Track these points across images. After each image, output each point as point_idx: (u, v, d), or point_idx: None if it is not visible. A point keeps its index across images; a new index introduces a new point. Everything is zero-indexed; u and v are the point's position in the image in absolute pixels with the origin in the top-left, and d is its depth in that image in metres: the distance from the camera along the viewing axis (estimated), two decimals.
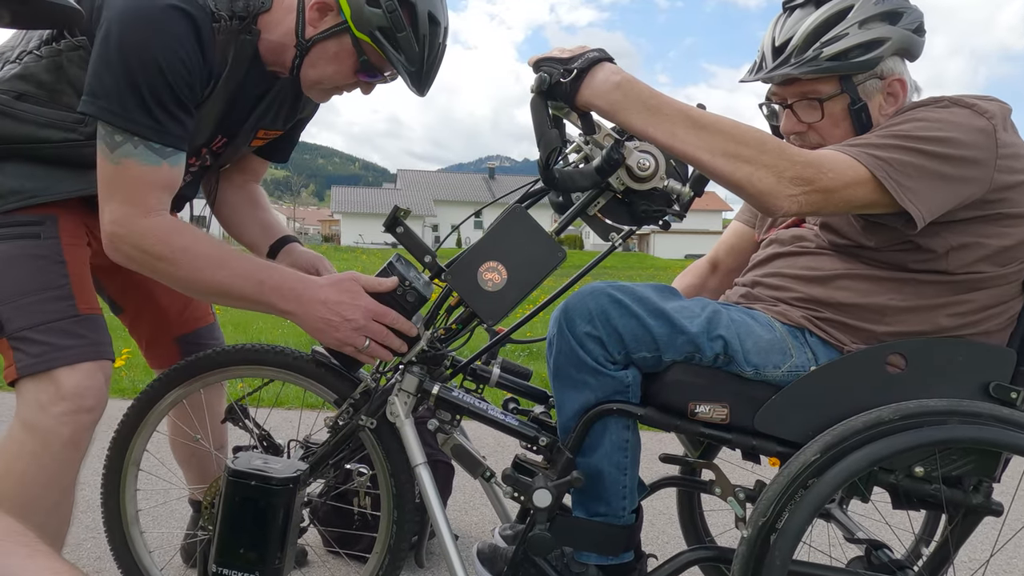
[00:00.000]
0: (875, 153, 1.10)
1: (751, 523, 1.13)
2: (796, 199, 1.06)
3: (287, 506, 1.24)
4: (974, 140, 1.10)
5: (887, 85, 1.27)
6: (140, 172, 1.23)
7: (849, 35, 1.22)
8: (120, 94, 1.20)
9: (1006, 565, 2.06)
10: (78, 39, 1.27)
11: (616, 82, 1.11)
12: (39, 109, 1.30)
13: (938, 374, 1.15)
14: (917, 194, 1.07)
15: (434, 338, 1.38)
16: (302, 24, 1.34)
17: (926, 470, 1.13)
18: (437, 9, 1.34)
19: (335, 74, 1.38)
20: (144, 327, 1.72)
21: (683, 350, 1.21)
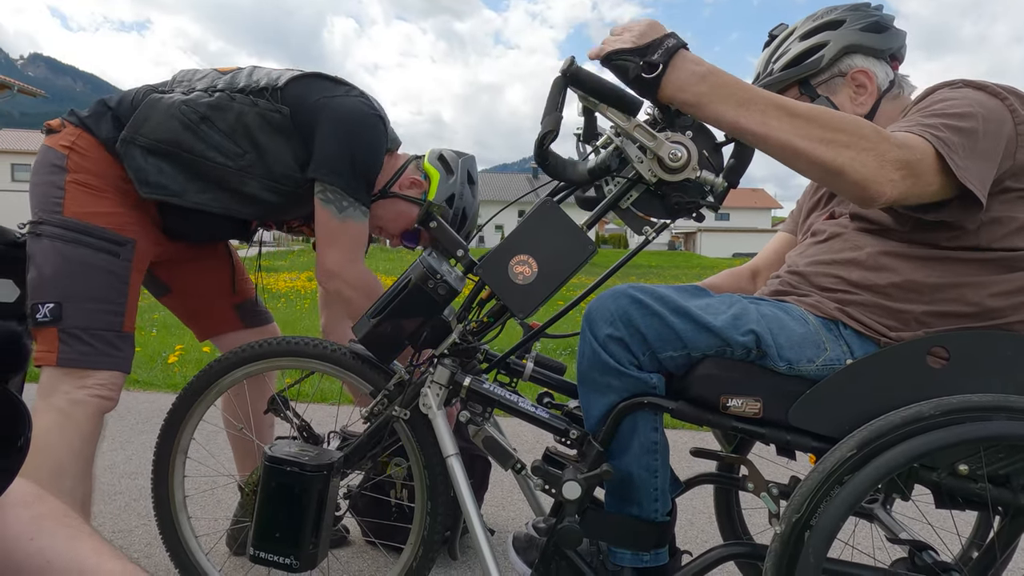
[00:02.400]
0: (934, 133, 1.06)
1: (785, 519, 1.10)
2: (896, 184, 1.01)
3: (321, 493, 1.27)
4: (993, 115, 1.09)
5: (851, 79, 1.36)
6: (357, 228, 1.64)
7: (792, 48, 1.40)
8: (353, 173, 1.62)
9: None
10: (280, 107, 1.63)
11: (701, 74, 1.07)
12: (214, 135, 1.62)
13: (983, 368, 1.11)
14: (973, 174, 1.04)
15: (466, 331, 1.39)
16: (395, 180, 1.80)
17: (971, 468, 1.09)
18: (469, 233, 1.88)
19: (387, 223, 1.83)
20: (195, 301, 1.93)
21: (711, 345, 1.19)
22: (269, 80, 1.67)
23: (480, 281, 1.36)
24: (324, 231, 1.62)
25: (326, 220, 1.61)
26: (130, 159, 1.59)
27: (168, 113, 1.60)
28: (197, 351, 4.93)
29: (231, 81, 1.68)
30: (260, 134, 1.62)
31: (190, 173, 1.62)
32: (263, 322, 1.99)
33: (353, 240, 1.63)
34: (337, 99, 1.65)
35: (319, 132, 1.62)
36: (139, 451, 2.87)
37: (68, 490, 1.47)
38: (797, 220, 1.59)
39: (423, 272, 1.31)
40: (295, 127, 1.63)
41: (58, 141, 1.60)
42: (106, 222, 1.57)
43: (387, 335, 1.36)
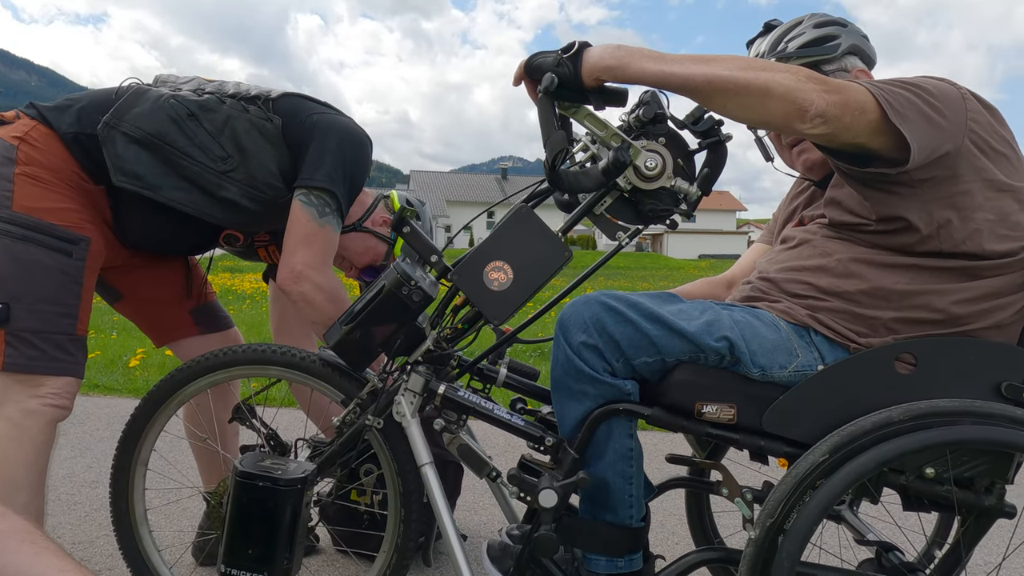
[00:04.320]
0: (878, 85, 1.11)
1: (759, 524, 1.11)
2: (821, 95, 1.04)
3: (295, 506, 1.25)
4: (947, 96, 1.13)
5: (853, 77, 1.36)
6: (331, 236, 1.64)
7: (806, 32, 1.40)
8: (343, 184, 1.63)
9: (1021, 568, 2.03)
10: (272, 116, 1.65)
11: (615, 44, 1.14)
12: (198, 133, 1.60)
13: (949, 374, 1.13)
14: (911, 123, 1.07)
15: (440, 338, 1.38)
16: (368, 215, 1.88)
17: (937, 471, 1.11)
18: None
19: (355, 256, 1.89)
20: (149, 307, 1.89)
21: (684, 351, 1.20)
22: (260, 91, 1.69)
23: (453, 287, 1.34)
24: (299, 233, 1.59)
25: (305, 222, 1.59)
26: (110, 144, 1.55)
27: (156, 104, 1.58)
28: (160, 355, 4.81)
29: (219, 87, 1.68)
30: (247, 140, 1.62)
31: (168, 168, 1.58)
32: (222, 327, 1.95)
33: (326, 246, 1.62)
34: (332, 116, 1.68)
35: (315, 144, 1.63)
36: (99, 459, 2.79)
37: (23, 504, 1.42)
38: (773, 231, 1.61)
39: (397, 278, 1.29)
40: (285, 138, 1.64)
41: (9, 132, 1.54)
42: (58, 218, 1.51)
43: (360, 342, 1.33)
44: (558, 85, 1.15)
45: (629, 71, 1.11)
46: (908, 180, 1.13)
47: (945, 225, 1.14)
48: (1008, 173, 1.15)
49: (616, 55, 1.11)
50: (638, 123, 1.25)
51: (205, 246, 1.84)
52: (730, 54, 1.12)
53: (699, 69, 1.07)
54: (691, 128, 1.26)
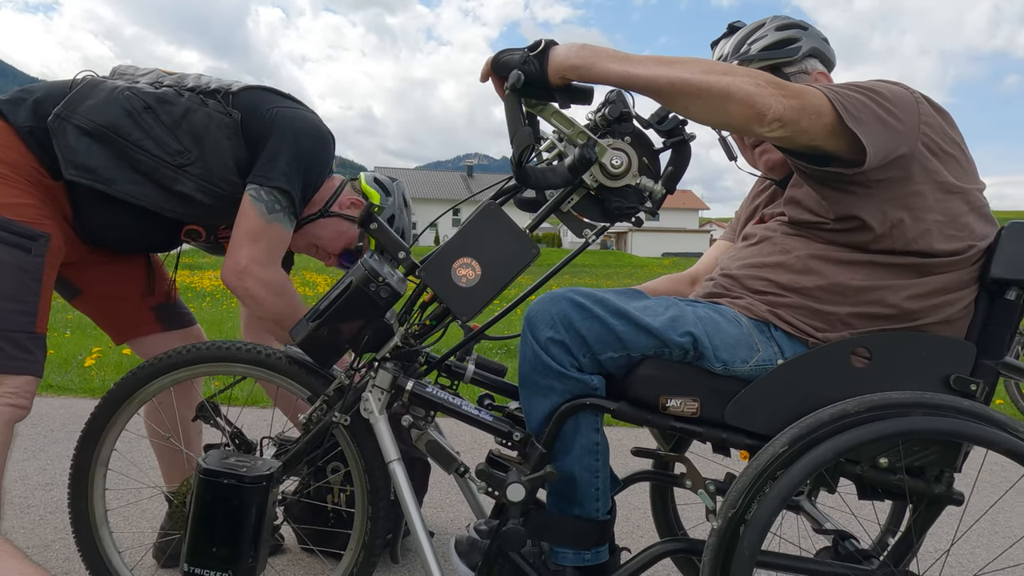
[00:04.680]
0: (834, 89, 1.14)
1: (721, 515, 1.14)
2: (780, 99, 1.08)
3: (260, 505, 1.23)
4: (901, 100, 1.17)
5: (814, 79, 1.41)
6: (281, 233, 1.62)
7: (769, 35, 1.43)
8: (295, 181, 1.61)
9: (969, 554, 2.11)
10: (231, 111, 1.62)
11: (580, 44, 1.15)
12: (154, 126, 1.57)
13: (901, 367, 1.18)
14: (866, 126, 1.11)
15: (408, 334, 1.38)
16: (334, 199, 1.81)
17: (890, 461, 1.15)
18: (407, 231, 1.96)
19: (328, 242, 1.83)
20: (109, 304, 1.85)
21: (649, 346, 1.22)
22: (220, 84, 1.65)
23: (421, 283, 1.34)
24: (246, 227, 1.58)
25: (252, 217, 1.58)
26: (61, 137, 1.51)
27: (111, 96, 1.56)
28: (116, 354, 4.69)
29: (178, 80, 1.65)
30: (205, 134, 1.60)
31: (122, 161, 1.56)
32: (184, 324, 1.92)
33: (274, 243, 1.61)
34: (292, 111, 1.65)
35: (272, 139, 1.60)
36: (54, 460, 2.71)
37: None
38: (735, 229, 1.65)
39: (365, 274, 1.29)
40: (243, 133, 1.62)
41: None
42: (16, 214, 1.47)
43: (327, 339, 1.32)
44: (525, 83, 1.16)
45: (594, 71, 1.13)
46: (863, 181, 1.17)
47: (898, 224, 1.18)
48: (957, 175, 1.19)
49: (582, 55, 1.13)
50: (604, 121, 1.26)
51: (169, 243, 1.80)
52: (693, 56, 1.15)
53: (662, 71, 1.10)
54: (656, 127, 1.28)
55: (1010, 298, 1.19)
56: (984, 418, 1.10)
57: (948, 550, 1.73)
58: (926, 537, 1.38)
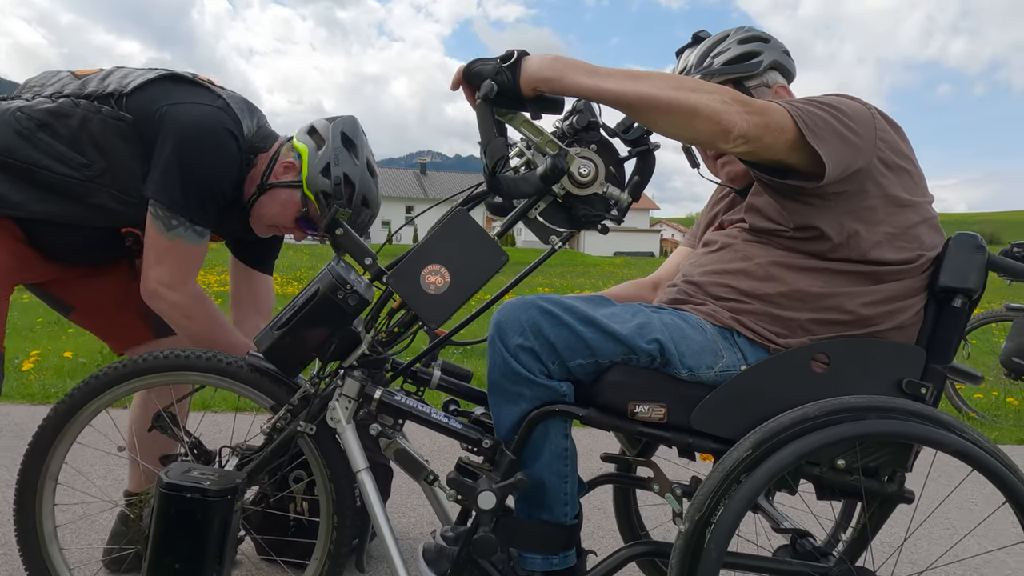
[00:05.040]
0: (796, 105, 1.18)
1: (688, 518, 1.17)
2: (744, 117, 1.11)
3: (225, 518, 1.21)
4: (859, 116, 1.22)
5: (775, 92, 1.46)
6: (186, 249, 1.55)
7: (732, 48, 1.47)
8: (184, 191, 1.52)
9: (924, 551, 2.21)
10: (123, 114, 1.53)
11: (552, 56, 1.17)
12: (54, 143, 1.52)
13: (857, 372, 1.22)
14: (826, 142, 1.16)
15: (375, 341, 1.36)
16: (270, 171, 1.68)
17: (847, 462, 1.20)
18: (371, 197, 1.71)
19: (277, 217, 1.70)
20: (101, 316, 1.83)
21: (617, 353, 1.24)
22: (119, 85, 1.57)
23: (388, 290, 1.33)
24: (151, 248, 1.55)
25: (153, 235, 1.54)
26: None
27: (1, 120, 1.52)
28: (56, 357, 4.50)
29: (81, 86, 1.58)
30: (106, 142, 1.54)
31: (25, 183, 1.52)
32: (171, 331, 1.86)
33: (180, 261, 1.56)
34: (181, 107, 1.55)
35: (158, 145, 1.53)
36: None
37: None
38: (696, 235, 1.69)
39: (332, 282, 1.27)
40: (141, 136, 1.54)
41: None
42: None
43: (293, 347, 1.30)
44: (497, 92, 1.16)
45: (565, 83, 1.14)
46: (821, 193, 1.21)
47: (854, 235, 1.23)
48: (909, 189, 1.25)
49: (554, 67, 1.14)
50: (571, 130, 1.28)
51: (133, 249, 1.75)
52: (661, 71, 1.17)
53: (632, 86, 1.12)
54: (621, 136, 1.30)
55: (956, 305, 1.25)
56: (934, 420, 1.16)
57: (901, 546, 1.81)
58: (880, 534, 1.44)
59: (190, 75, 1.65)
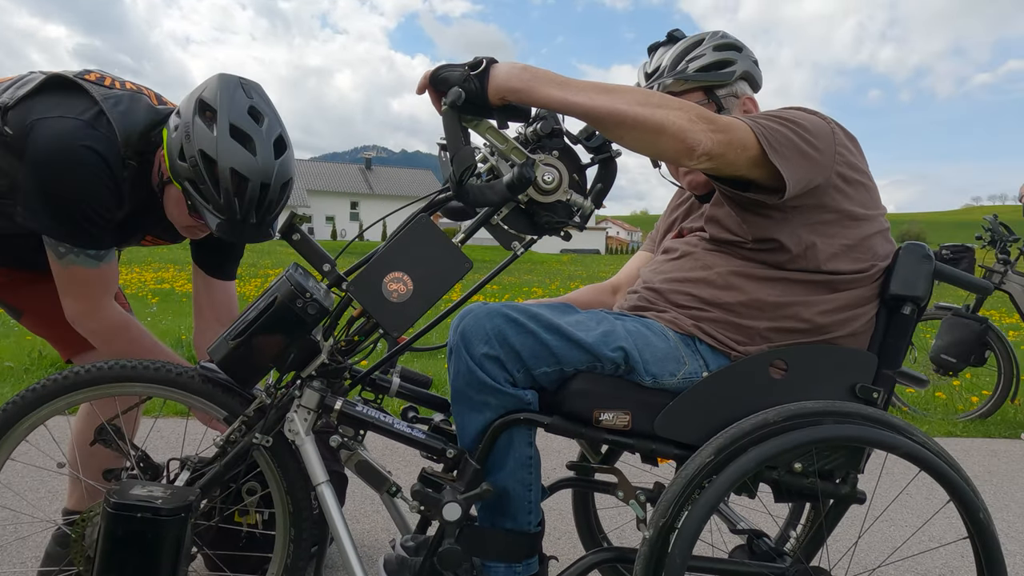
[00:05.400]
0: (759, 121, 1.21)
1: (652, 524, 1.18)
2: (709, 135, 1.13)
3: (179, 537, 1.15)
4: (820, 132, 1.25)
5: (742, 104, 1.48)
6: (85, 275, 1.49)
7: (707, 55, 1.47)
8: (55, 217, 1.43)
9: (878, 549, 2.30)
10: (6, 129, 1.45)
11: (521, 66, 1.16)
12: None
13: (814, 378, 1.26)
14: (787, 160, 1.18)
15: (334, 350, 1.33)
16: (160, 168, 1.53)
17: (804, 466, 1.23)
18: (247, 166, 1.40)
19: (178, 215, 1.55)
20: (48, 321, 1.73)
21: (582, 361, 1.25)
22: (10, 97, 1.48)
23: (347, 297, 1.30)
24: (55, 277, 1.50)
25: (53, 266, 1.48)
26: None
27: None
28: None
29: None
30: (3, 159, 1.47)
31: None
32: None
33: (83, 288, 1.50)
34: (41, 125, 1.43)
35: (23, 168, 1.43)
36: None
37: None
38: (655, 240, 1.71)
39: (291, 290, 1.23)
40: (20, 152, 1.44)
41: None
42: None
43: (249, 358, 1.26)
44: (464, 100, 1.14)
45: (534, 95, 1.13)
46: (781, 206, 1.24)
47: (811, 247, 1.26)
48: (864, 202, 1.29)
49: (522, 78, 1.13)
50: (535, 136, 1.27)
51: None
52: (630, 86, 1.17)
53: (601, 101, 1.12)
54: (584, 143, 1.30)
55: (906, 312, 1.30)
56: (886, 424, 1.20)
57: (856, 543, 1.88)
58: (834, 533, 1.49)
59: (73, 76, 1.53)
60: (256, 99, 1.46)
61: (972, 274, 1.54)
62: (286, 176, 1.47)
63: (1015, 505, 2.87)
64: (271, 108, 1.49)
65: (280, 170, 1.44)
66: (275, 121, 1.47)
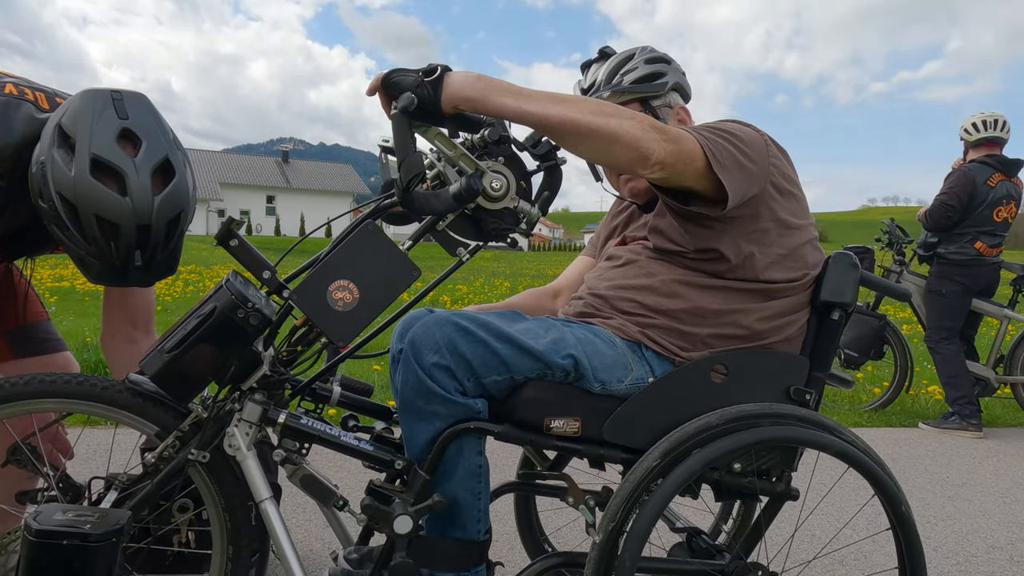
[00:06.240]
0: (703, 133, 1.24)
1: (602, 528, 1.20)
2: (661, 144, 1.15)
3: (110, 563, 1.08)
4: (755, 144, 1.30)
5: (676, 114, 1.52)
6: None
7: (640, 68, 1.51)
8: None
9: (808, 543, 2.42)
10: None
11: (476, 75, 1.15)
12: None
13: (751, 381, 1.31)
14: (729, 172, 1.23)
15: (276, 360, 1.28)
16: None
17: (743, 466, 1.28)
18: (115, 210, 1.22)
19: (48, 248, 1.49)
20: None
21: (533, 369, 1.25)
22: None
23: (287, 305, 1.26)
24: None
25: None
26: None
27: None
28: None
29: None
30: None
31: None
32: (43, 351, 1.65)
33: None
34: None
35: None
36: None
37: None
38: (596, 246, 1.73)
39: (231, 300, 1.18)
40: None
41: None
42: None
43: (186, 371, 1.19)
44: (416, 106, 1.13)
45: (488, 104, 1.13)
46: (721, 217, 1.29)
47: (749, 257, 1.31)
48: (796, 212, 1.35)
49: (477, 87, 1.12)
50: (482, 143, 1.27)
51: None
52: (582, 96, 1.19)
53: (556, 111, 1.13)
54: (530, 151, 1.31)
55: (835, 318, 1.37)
56: (818, 424, 1.27)
57: (791, 537, 1.97)
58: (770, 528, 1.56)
59: None
60: (134, 118, 1.27)
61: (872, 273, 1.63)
62: (174, 210, 1.28)
63: (916, 490, 3.10)
64: (156, 124, 1.30)
65: (164, 205, 1.25)
66: (159, 142, 1.28)
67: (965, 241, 4.21)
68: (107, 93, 1.29)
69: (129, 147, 1.24)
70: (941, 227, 4.24)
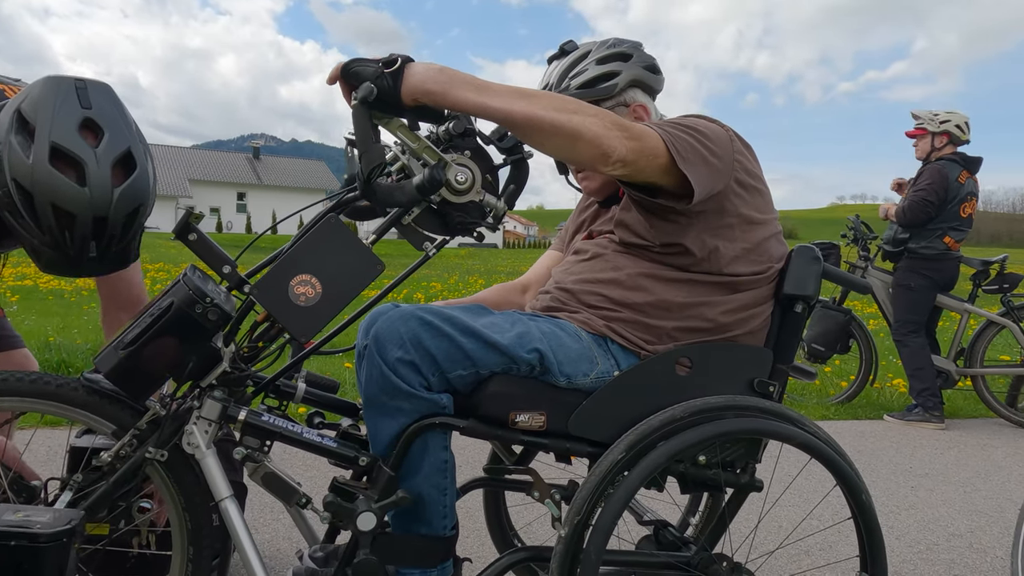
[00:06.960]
0: (667, 129, 1.24)
1: (567, 522, 1.20)
2: (623, 142, 1.15)
3: (61, 565, 1.05)
4: (719, 139, 1.31)
5: (632, 111, 1.50)
6: None
7: (589, 70, 1.48)
8: None
9: (774, 535, 2.45)
10: None
11: (438, 68, 1.13)
12: None
13: (716, 374, 1.32)
14: (694, 167, 1.23)
15: (237, 357, 1.26)
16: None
17: (707, 458, 1.29)
18: (72, 200, 1.18)
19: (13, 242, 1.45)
20: None
21: (498, 363, 1.25)
22: None
23: (248, 300, 1.24)
24: None
25: None
26: None
27: None
28: None
29: None
30: None
31: None
32: (2, 348, 1.61)
33: None
34: None
35: None
36: None
37: None
38: (565, 240, 1.73)
39: (189, 296, 1.15)
40: None
41: None
42: None
43: (142, 369, 1.16)
44: (376, 97, 1.11)
45: (449, 98, 1.12)
46: (686, 212, 1.29)
47: (714, 251, 1.32)
48: (760, 207, 1.36)
49: (438, 80, 1.11)
50: (447, 136, 1.26)
51: None
52: (547, 91, 1.18)
53: (518, 106, 1.12)
54: (497, 144, 1.30)
55: (798, 311, 1.39)
56: (782, 416, 1.28)
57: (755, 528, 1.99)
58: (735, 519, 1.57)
59: None
60: (96, 108, 1.23)
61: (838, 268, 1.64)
62: (134, 203, 1.24)
63: (880, 480, 3.16)
64: (120, 116, 1.26)
65: (124, 198, 1.22)
66: (122, 134, 1.24)
67: (935, 236, 4.30)
68: (71, 81, 1.24)
69: (91, 137, 1.21)
70: (919, 223, 4.30)
